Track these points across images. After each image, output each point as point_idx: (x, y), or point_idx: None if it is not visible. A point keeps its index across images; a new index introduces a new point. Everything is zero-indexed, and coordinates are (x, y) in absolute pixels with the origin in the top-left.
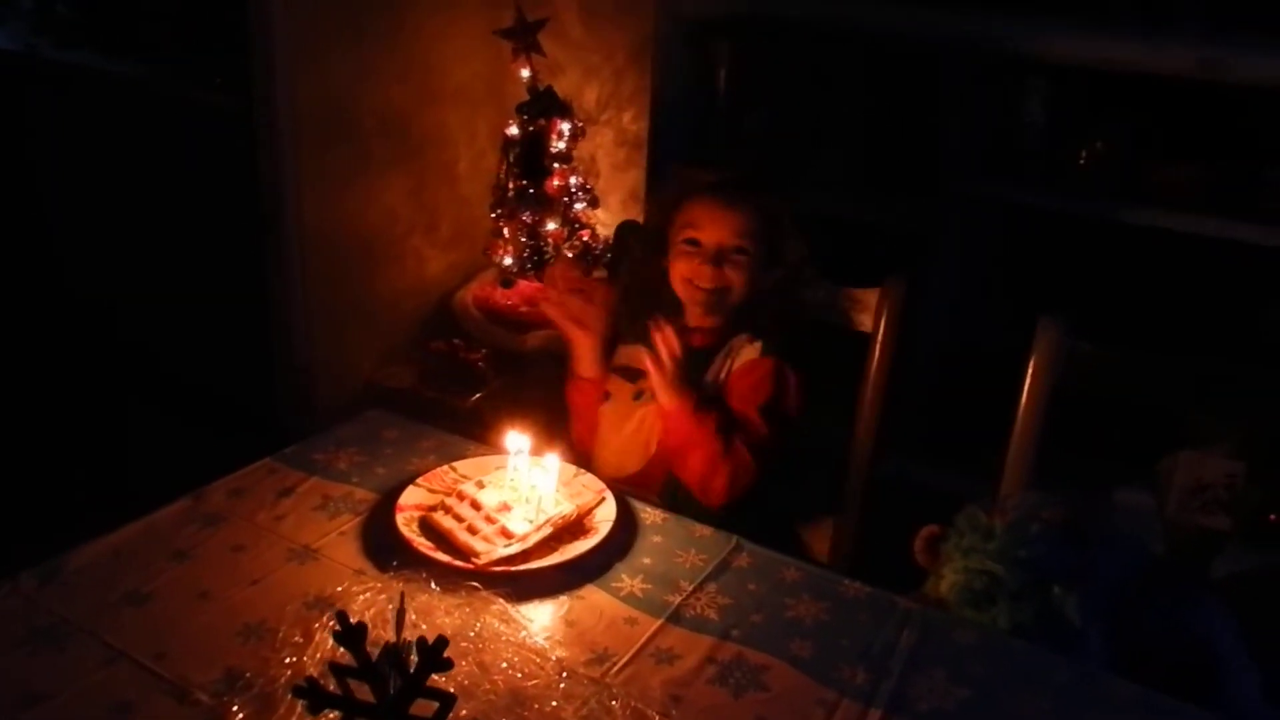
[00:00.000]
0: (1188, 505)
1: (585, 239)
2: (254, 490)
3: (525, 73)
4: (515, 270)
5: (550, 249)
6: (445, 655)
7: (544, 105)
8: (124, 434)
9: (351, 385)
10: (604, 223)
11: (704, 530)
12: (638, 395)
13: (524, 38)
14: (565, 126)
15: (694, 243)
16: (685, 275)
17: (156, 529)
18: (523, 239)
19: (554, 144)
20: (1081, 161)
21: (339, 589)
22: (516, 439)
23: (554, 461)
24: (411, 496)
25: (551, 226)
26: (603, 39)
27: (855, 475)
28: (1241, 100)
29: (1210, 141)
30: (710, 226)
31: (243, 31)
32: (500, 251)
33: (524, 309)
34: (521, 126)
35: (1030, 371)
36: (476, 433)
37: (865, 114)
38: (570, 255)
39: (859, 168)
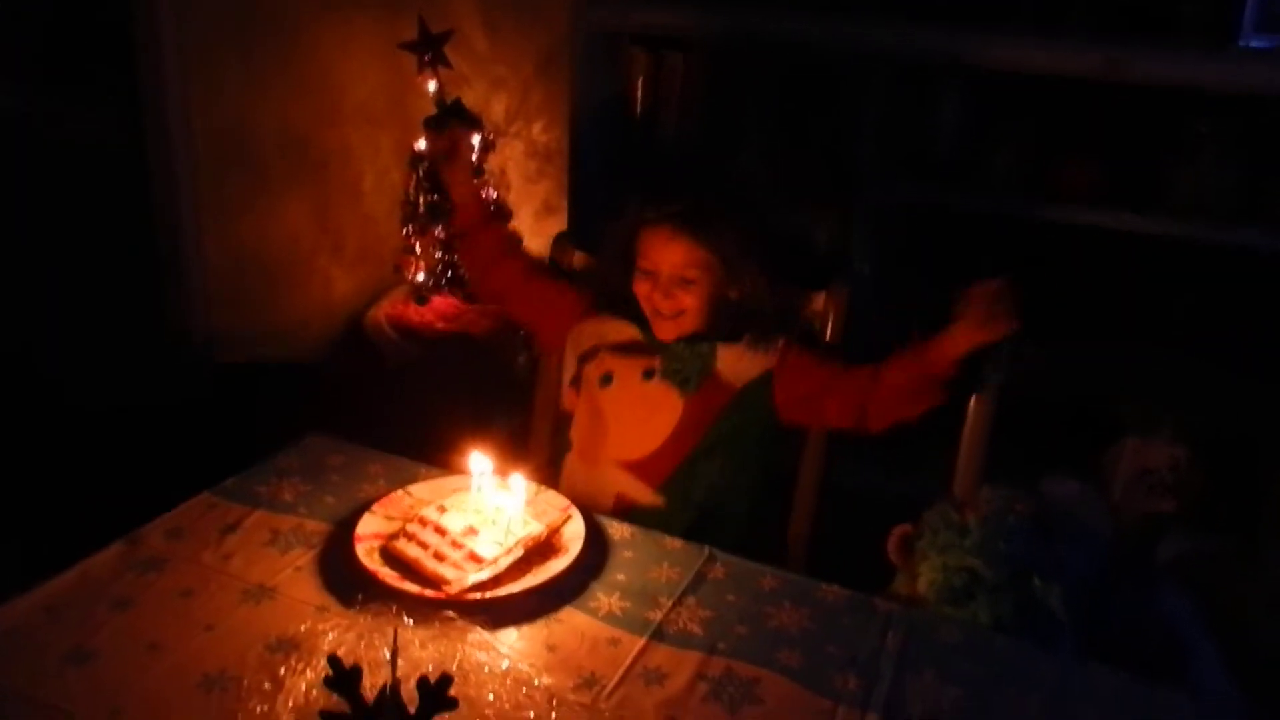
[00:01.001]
0: (1134, 491)
1: None
2: (194, 529)
3: (432, 86)
4: (430, 286)
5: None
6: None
7: (453, 118)
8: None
9: None
10: (520, 233)
11: (674, 543)
12: (648, 374)
13: (429, 51)
14: (475, 139)
15: (649, 270)
16: (643, 297)
17: (91, 578)
18: (436, 254)
19: None
20: (996, 162)
21: (302, 628)
22: (479, 460)
23: (519, 481)
24: (369, 525)
25: None
26: (508, 49)
27: (807, 482)
28: (1139, 100)
29: (1112, 140)
30: (660, 257)
31: (126, 55)
32: (413, 268)
33: (440, 325)
34: (430, 140)
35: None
36: (423, 453)
37: (781, 124)
38: None
39: (774, 178)
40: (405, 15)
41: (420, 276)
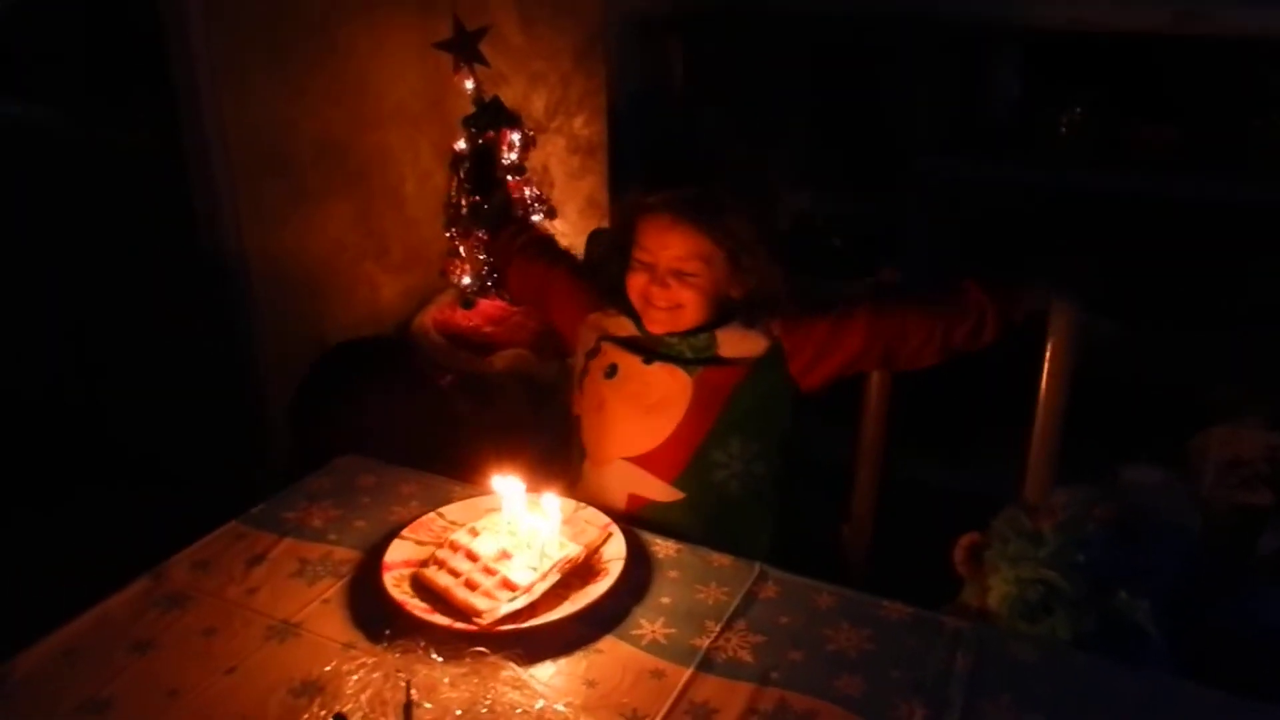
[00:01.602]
0: (1226, 482)
1: None
2: (220, 560)
3: (469, 84)
4: (475, 289)
5: None
6: None
7: (492, 116)
8: (64, 508)
9: None
10: (563, 233)
11: (722, 559)
12: (648, 359)
13: (464, 49)
14: (515, 137)
15: (644, 261)
16: (636, 290)
17: (112, 619)
18: (480, 256)
19: (505, 156)
20: (1062, 130)
21: (327, 669)
22: (510, 479)
23: (553, 501)
24: (398, 551)
25: None
26: (545, 44)
27: (865, 481)
28: (1217, 54)
29: (1189, 99)
30: (654, 246)
31: (160, 64)
32: (458, 271)
33: (488, 329)
34: (470, 140)
35: (1048, 356)
36: (454, 468)
37: (826, 100)
38: None
39: (822, 157)
40: (440, 14)
41: (466, 280)
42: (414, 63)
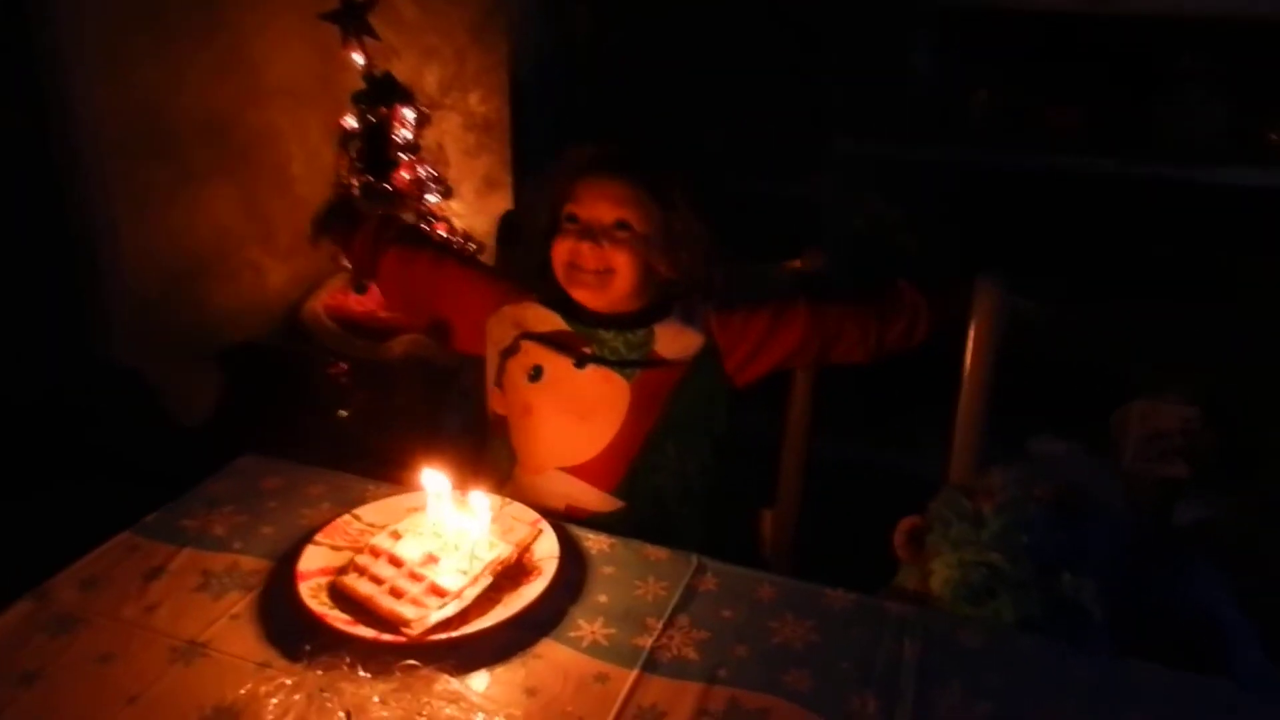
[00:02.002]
0: (1145, 455)
1: (443, 232)
2: (113, 577)
3: (359, 59)
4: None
5: None
6: None
7: (384, 93)
8: None
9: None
10: (459, 214)
11: (659, 553)
12: (581, 362)
13: (352, 21)
14: (409, 114)
15: (573, 219)
16: (566, 257)
17: None
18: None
19: (398, 133)
20: (975, 110)
21: (242, 692)
22: (434, 477)
23: (482, 498)
24: (313, 559)
25: None
26: (439, 17)
27: (790, 461)
28: (1126, 33)
29: (1097, 79)
30: (589, 201)
31: (22, 34)
32: None
33: (384, 314)
34: (360, 118)
35: (972, 335)
36: (358, 463)
37: (740, 79)
38: None
39: (738, 137)
40: None
41: None
42: (300, 36)
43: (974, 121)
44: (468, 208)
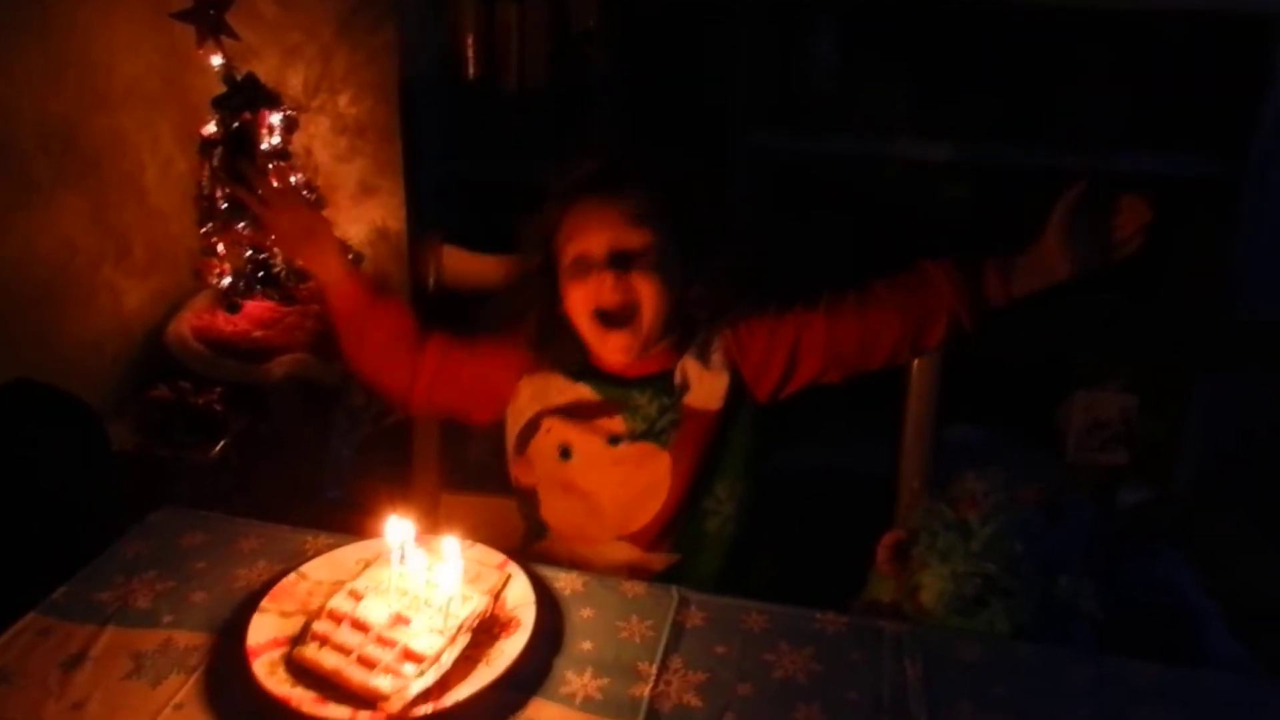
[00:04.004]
0: (1087, 445)
1: None
2: (25, 669)
3: (217, 60)
4: (240, 290)
5: (279, 260)
6: None
7: (246, 96)
8: None
9: None
10: (333, 222)
11: (636, 588)
12: (614, 440)
13: (208, 20)
14: (276, 118)
15: (584, 259)
16: (584, 304)
17: None
18: (244, 253)
19: (265, 140)
20: (881, 101)
21: None
22: (398, 526)
23: (454, 545)
24: (261, 629)
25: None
26: (301, 14)
27: None
28: (1029, 24)
29: (1001, 69)
30: (597, 229)
31: None
32: (216, 271)
33: (259, 333)
34: (222, 123)
35: None
36: (242, 497)
37: (640, 71)
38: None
39: (633, 128)
40: None
41: (227, 280)
42: (146, 35)
43: (882, 112)
44: (343, 215)
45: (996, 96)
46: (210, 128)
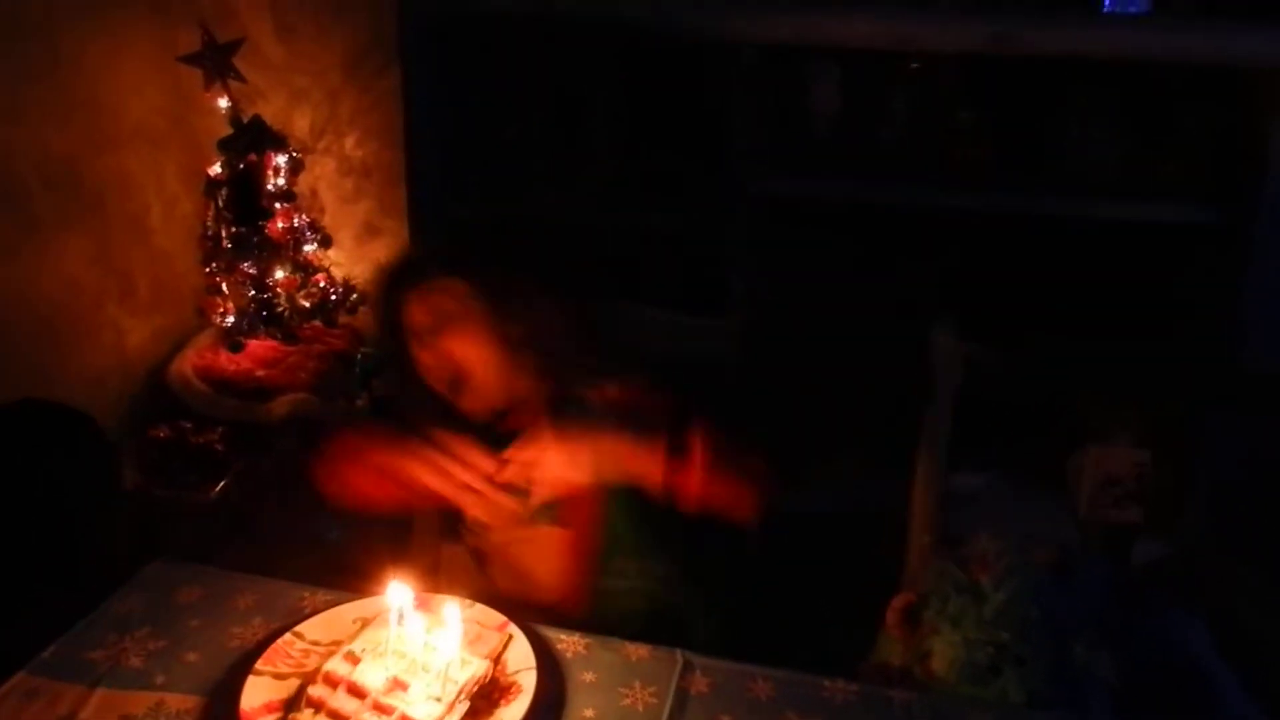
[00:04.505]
0: (1100, 502)
1: (322, 283)
2: None
3: (224, 103)
4: (244, 329)
5: (282, 300)
6: None
7: (253, 138)
8: None
9: None
10: (337, 262)
11: (639, 651)
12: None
13: (216, 63)
14: (281, 160)
15: (416, 338)
16: (431, 377)
17: None
18: (247, 292)
19: (271, 181)
20: (883, 146)
21: None
22: (399, 589)
23: (454, 609)
24: (256, 693)
25: (280, 275)
26: (308, 58)
27: None
28: (1030, 72)
29: (1002, 116)
30: (415, 316)
31: None
32: (219, 310)
33: (261, 372)
34: (228, 164)
35: (932, 384)
36: (239, 537)
37: (636, 114)
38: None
39: (635, 172)
40: (180, 22)
41: (230, 320)
42: (152, 77)
43: (885, 157)
44: (347, 256)
45: (994, 143)
46: (216, 169)
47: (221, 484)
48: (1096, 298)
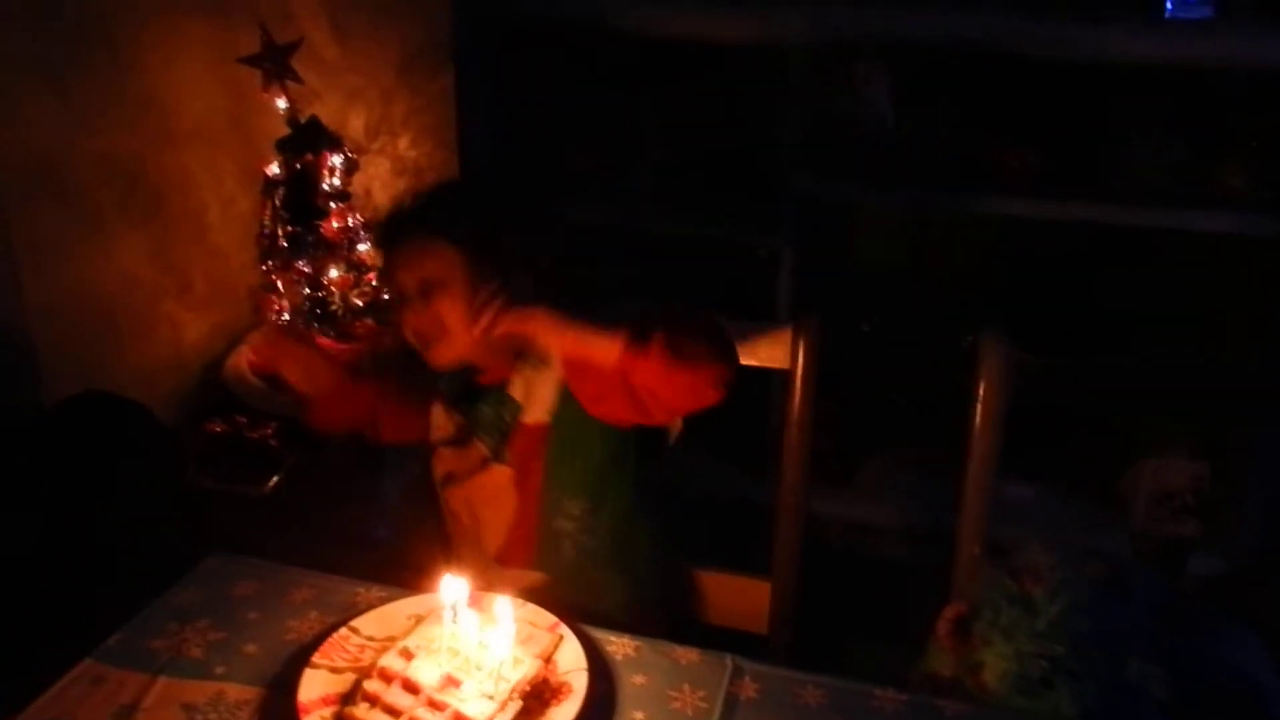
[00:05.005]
0: (1156, 515)
1: (374, 282)
2: (79, 718)
3: (282, 103)
4: (299, 326)
5: (336, 298)
6: None
7: (310, 138)
8: None
9: None
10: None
11: (689, 655)
12: (485, 462)
13: (275, 64)
14: (337, 160)
15: (402, 296)
16: (409, 330)
17: None
18: (302, 290)
19: (327, 181)
20: (931, 152)
21: None
22: (452, 584)
23: (507, 606)
24: (313, 686)
25: (334, 273)
26: (363, 58)
27: (788, 528)
28: (1082, 79)
29: (1051, 123)
30: (403, 272)
31: None
32: (275, 307)
33: None
34: (285, 164)
35: (981, 393)
36: (293, 534)
37: (691, 119)
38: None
39: (685, 178)
40: (238, 24)
41: (285, 317)
42: (212, 77)
43: (931, 164)
44: None
45: (1048, 150)
46: (273, 168)
47: (275, 479)
48: (1151, 308)
